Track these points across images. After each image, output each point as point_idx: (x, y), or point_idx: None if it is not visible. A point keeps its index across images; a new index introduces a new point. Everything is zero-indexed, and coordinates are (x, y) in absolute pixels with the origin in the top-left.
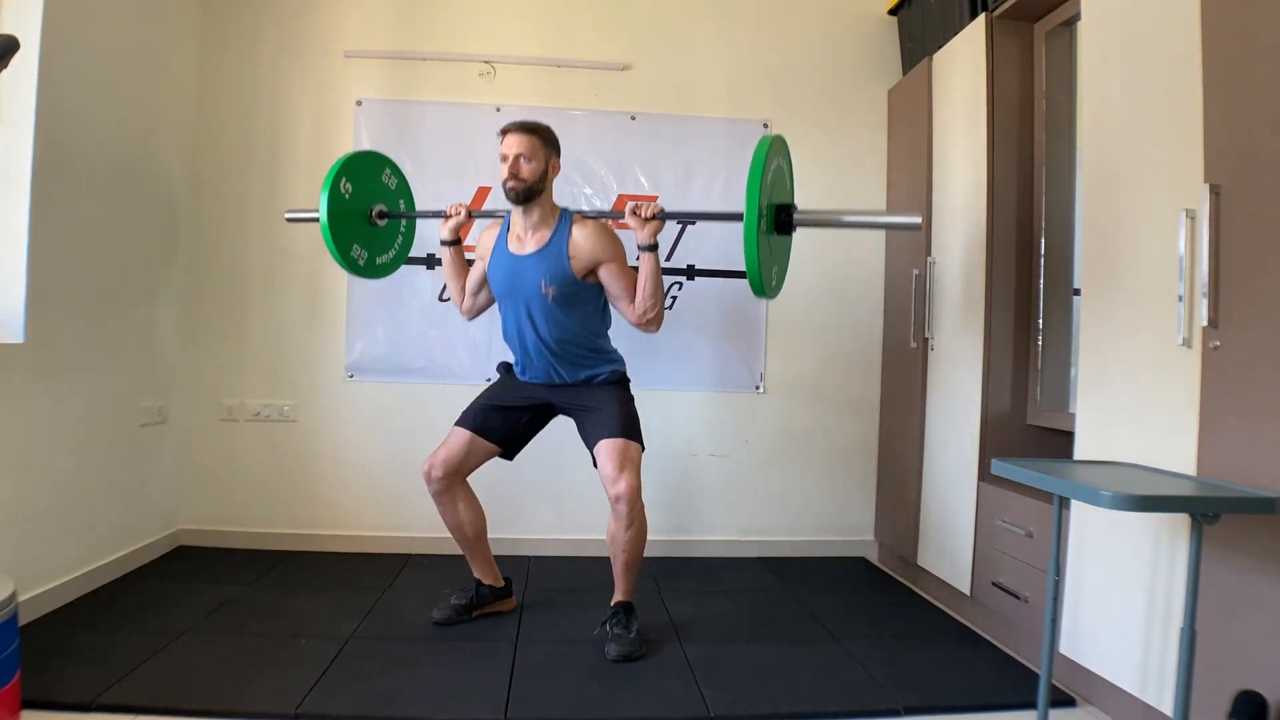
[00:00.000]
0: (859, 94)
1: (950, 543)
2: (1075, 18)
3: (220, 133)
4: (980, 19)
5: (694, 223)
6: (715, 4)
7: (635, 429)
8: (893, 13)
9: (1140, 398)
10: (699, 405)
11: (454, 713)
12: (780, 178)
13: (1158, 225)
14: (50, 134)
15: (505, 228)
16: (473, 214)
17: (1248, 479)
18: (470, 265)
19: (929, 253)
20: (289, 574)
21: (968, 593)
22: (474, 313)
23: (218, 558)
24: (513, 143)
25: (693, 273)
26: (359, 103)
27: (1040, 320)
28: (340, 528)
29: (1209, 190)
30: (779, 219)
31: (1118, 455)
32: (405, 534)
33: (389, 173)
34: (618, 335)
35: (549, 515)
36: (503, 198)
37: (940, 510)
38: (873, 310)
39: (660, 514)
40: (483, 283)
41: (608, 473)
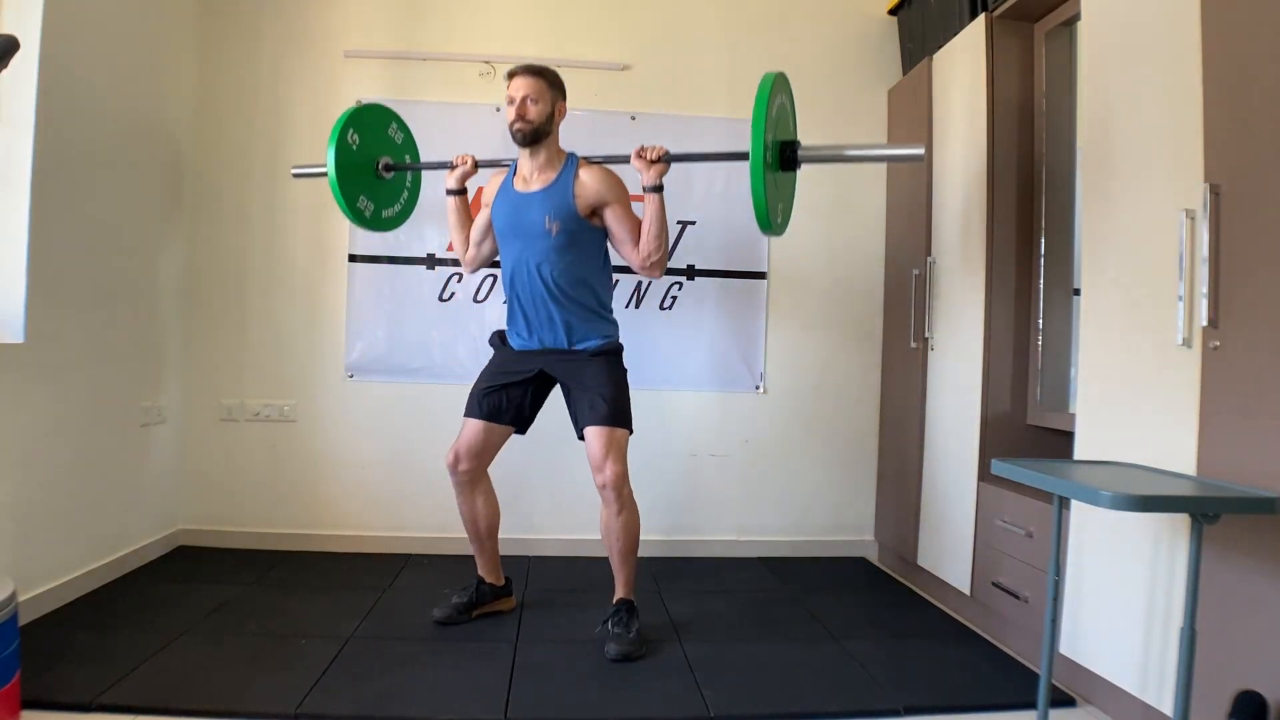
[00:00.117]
0: (859, 94)
1: (950, 543)
2: (1075, 18)
3: (220, 133)
4: (980, 19)
5: (697, 164)
6: (715, 4)
7: (624, 412)
8: (893, 13)
9: (1140, 398)
10: (699, 405)
11: (454, 713)
12: (784, 115)
13: (1158, 225)
14: (50, 134)
15: (511, 172)
16: (480, 164)
17: (1248, 479)
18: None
19: (929, 253)
20: (289, 574)
21: (968, 593)
22: (476, 264)
23: (218, 558)
24: (519, 85)
25: (693, 273)
26: (359, 103)
27: (1040, 320)
28: (340, 528)
29: (1209, 190)
30: (784, 155)
31: (1118, 455)
32: (405, 534)
33: (395, 127)
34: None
35: (549, 515)
36: (510, 150)
37: (940, 510)
38: (873, 310)
39: (660, 514)
40: (487, 231)
41: (594, 460)
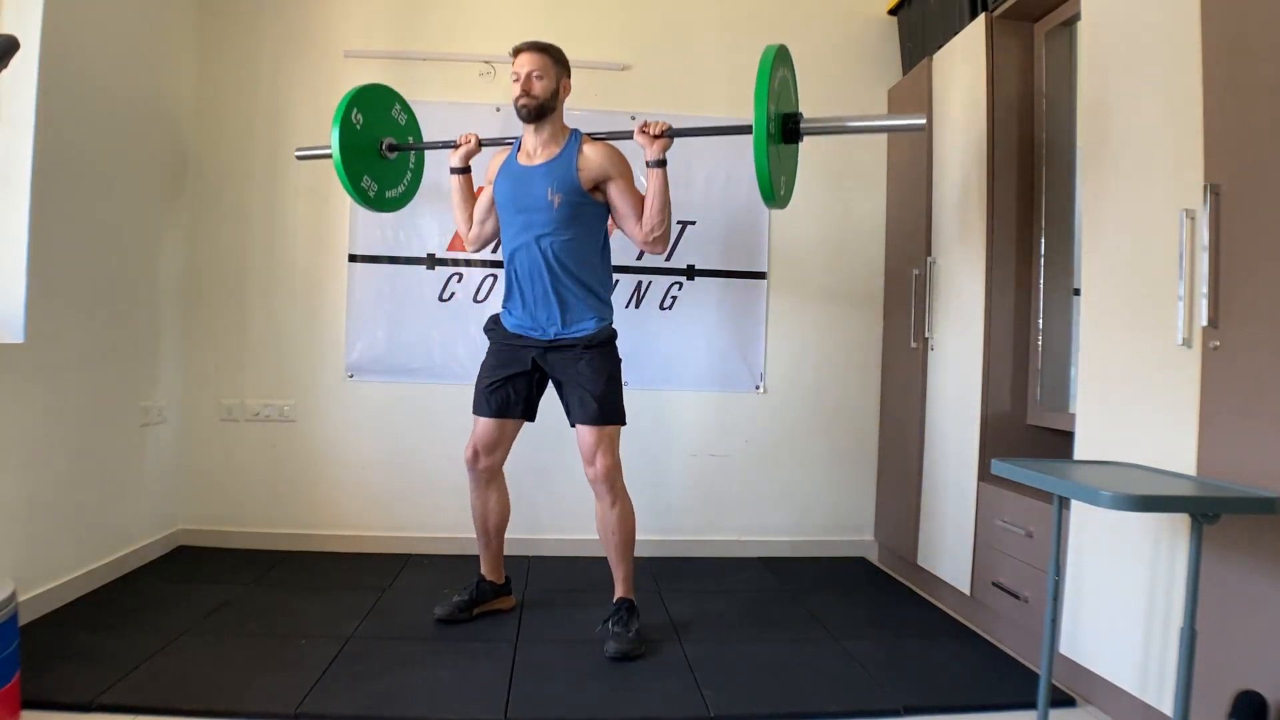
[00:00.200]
0: (859, 94)
1: (950, 543)
2: (1075, 18)
3: (220, 133)
4: (980, 19)
5: (699, 135)
6: (715, 4)
7: (615, 408)
8: (893, 13)
9: (1140, 397)
10: (699, 405)
11: (454, 713)
12: (785, 88)
13: (1157, 225)
14: (50, 134)
15: (515, 148)
16: (483, 142)
17: (1248, 479)
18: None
19: (929, 253)
20: (289, 574)
21: (968, 593)
22: (479, 242)
23: (218, 558)
24: (525, 61)
25: (693, 273)
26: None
27: (1040, 320)
28: (340, 528)
29: (1209, 190)
30: (786, 127)
31: (1118, 455)
32: (405, 534)
33: (398, 108)
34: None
35: (549, 514)
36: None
37: (940, 510)
38: (873, 310)
39: (660, 514)
40: (489, 209)
41: (585, 454)
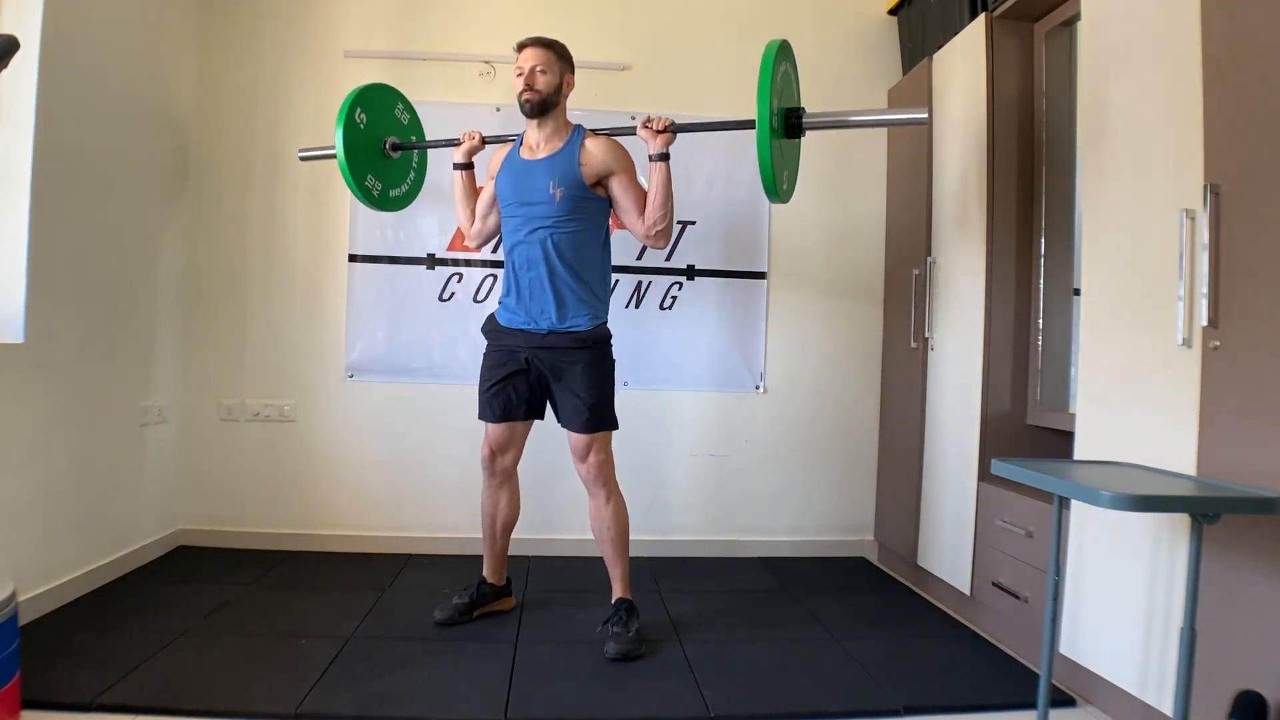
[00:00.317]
0: (859, 94)
1: (950, 543)
2: (1075, 18)
3: (220, 133)
4: (980, 19)
5: (701, 131)
6: (715, 4)
7: (608, 416)
8: (893, 13)
9: (1140, 398)
10: (699, 405)
11: (454, 713)
12: (788, 82)
13: (1157, 225)
14: (50, 134)
15: (518, 143)
16: (486, 139)
17: (1248, 479)
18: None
19: (929, 253)
20: (289, 574)
21: (968, 593)
22: (481, 238)
23: (218, 558)
24: (529, 55)
25: (693, 273)
26: None
27: (1040, 320)
28: (340, 528)
29: (1209, 190)
30: (788, 122)
31: (1118, 455)
32: (405, 534)
33: (401, 107)
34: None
35: (549, 515)
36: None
37: (940, 510)
38: (873, 310)
39: (660, 513)
40: (492, 205)
41: (576, 453)
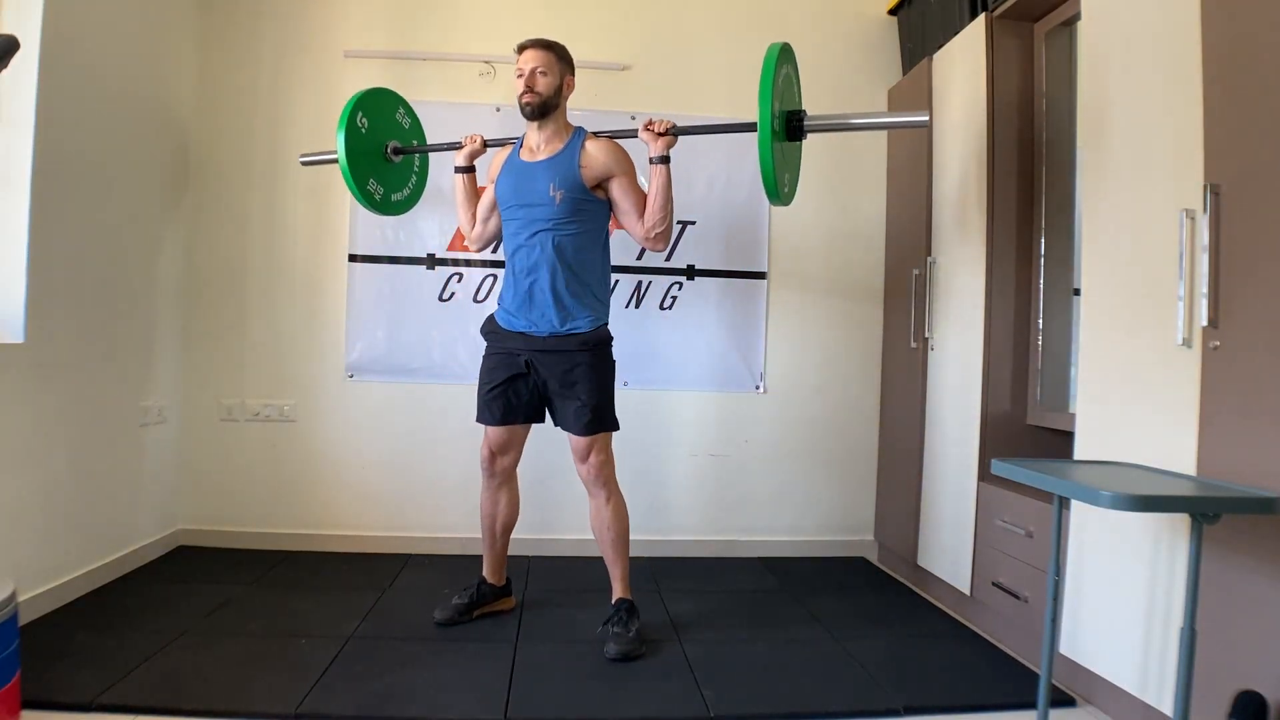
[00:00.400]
0: (859, 94)
1: (950, 543)
2: (1075, 18)
3: (220, 133)
4: (980, 19)
5: (703, 133)
6: (715, 4)
7: (609, 417)
8: (893, 13)
9: (1140, 398)
10: (699, 405)
11: (454, 713)
12: (789, 85)
13: (1158, 225)
14: (50, 134)
15: (518, 146)
16: (487, 143)
17: (1248, 479)
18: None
19: (929, 253)
20: (289, 574)
21: (968, 593)
22: (482, 241)
23: (218, 558)
24: (529, 57)
25: (693, 273)
26: None
27: (1040, 320)
28: (340, 528)
29: (1209, 190)
30: (790, 125)
31: (1118, 455)
32: (405, 534)
33: (402, 111)
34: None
35: (549, 515)
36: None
37: (940, 510)
38: (873, 310)
39: (660, 514)
40: (492, 208)
41: (578, 454)
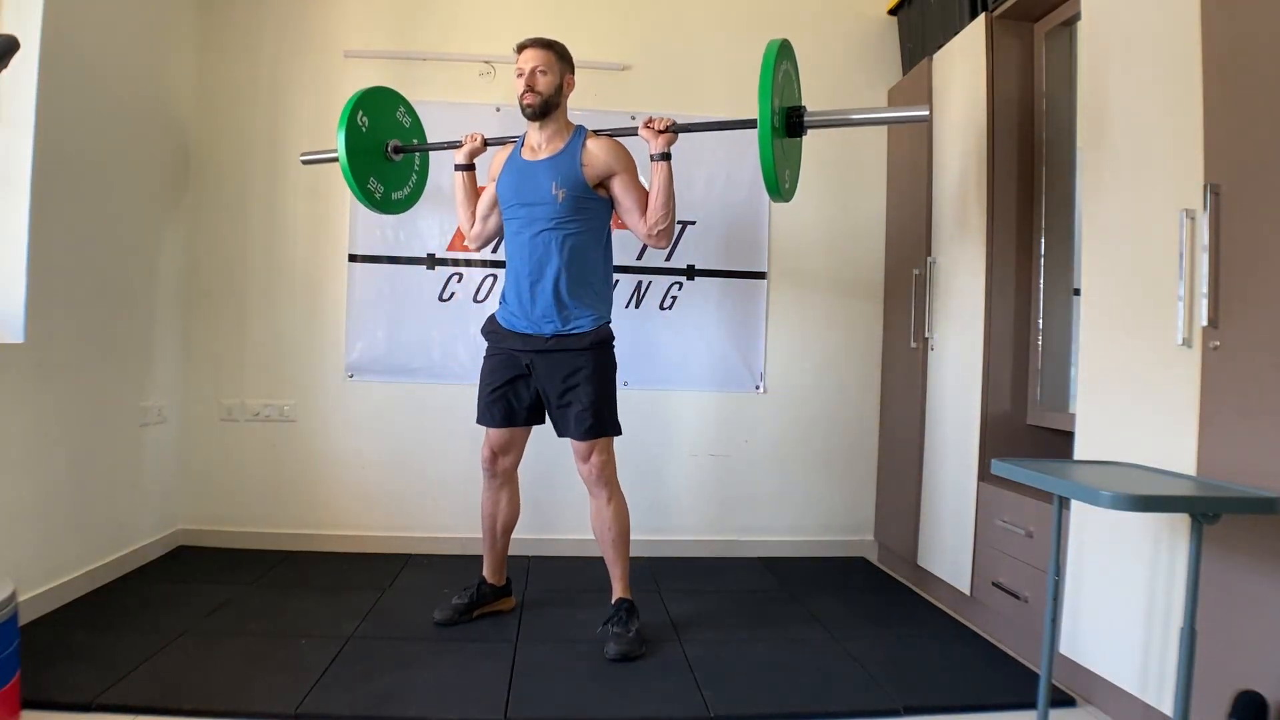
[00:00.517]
0: (859, 94)
1: (950, 543)
2: (1075, 18)
3: (220, 133)
4: (980, 19)
5: (702, 130)
6: (715, 4)
7: (611, 422)
8: (893, 13)
9: (1140, 398)
10: (699, 405)
11: (454, 713)
12: (789, 81)
13: (1158, 225)
14: (50, 134)
15: (519, 145)
16: (488, 141)
17: (1248, 479)
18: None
19: (929, 253)
20: (289, 574)
21: (968, 593)
22: (482, 240)
23: (218, 558)
24: (529, 57)
25: (693, 273)
26: None
27: (1040, 320)
28: (340, 528)
29: (1209, 190)
30: (790, 121)
31: (1118, 455)
32: (405, 534)
33: (403, 110)
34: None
35: (548, 515)
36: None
37: (940, 510)
38: (873, 310)
39: (660, 514)
40: (493, 206)
41: (579, 453)
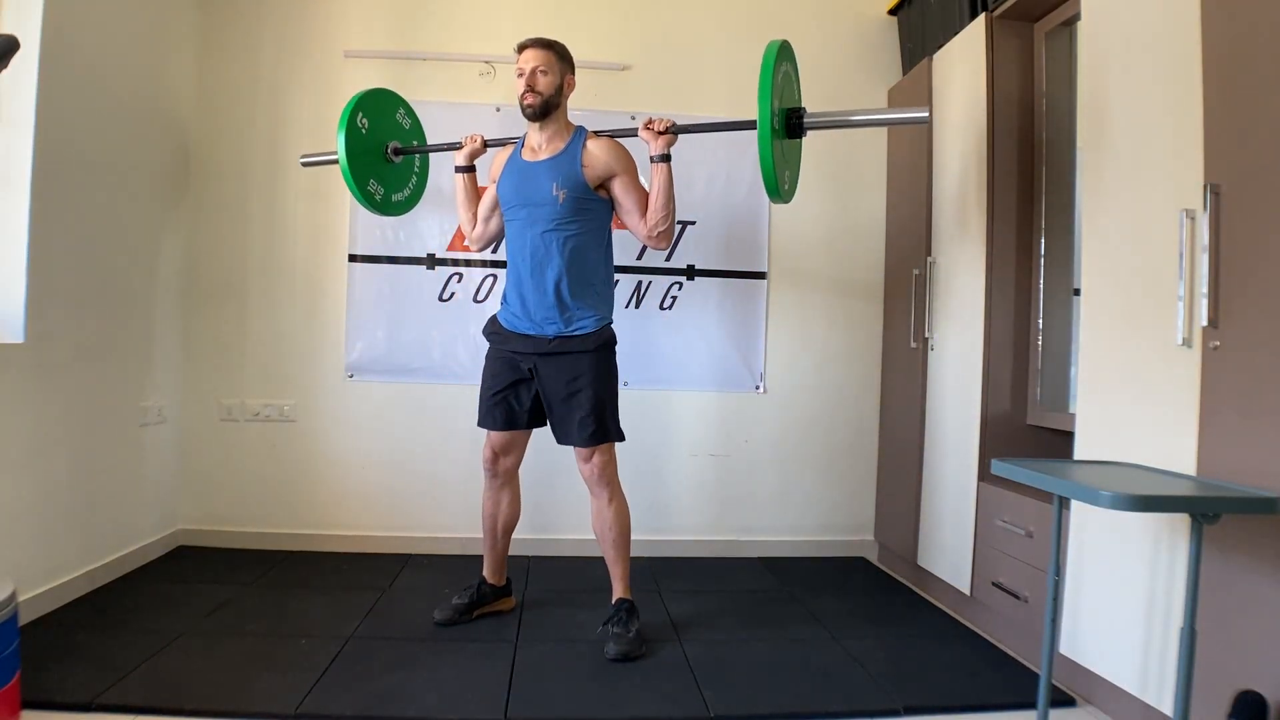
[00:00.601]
0: (859, 94)
1: (950, 543)
2: (1075, 18)
3: (220, 134)
4: (980, 19)
5: (701, 131)
6: (715, 4)
7: (611, 425)
8: (893, 13)
9: (1140, 398)
10: (699, 405)
11: (454, 713)
12: (788, 82)
13: (1158, 225)
14: (50, 134)
15: (520, 146)
16: (488, 143)
17: (1248, 479)
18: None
19: (929, 252)
20: (289, 574)
21: (968, 593)
22: (483, 241)
23: (218, 558)
24: (529, 57)
25: (693, 273)
26: None
27: (1040, 320)
28: (340, 528)
29: (1209, 190)
30: (790, 122)
31: (1118, 455)
32: (405, 534)
33: (403, 112)
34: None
35: (549, 516)
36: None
37: (940, 510)
38: (873, 310)
39: (660, 514)
40: (493, 208)
41: (580, 455)
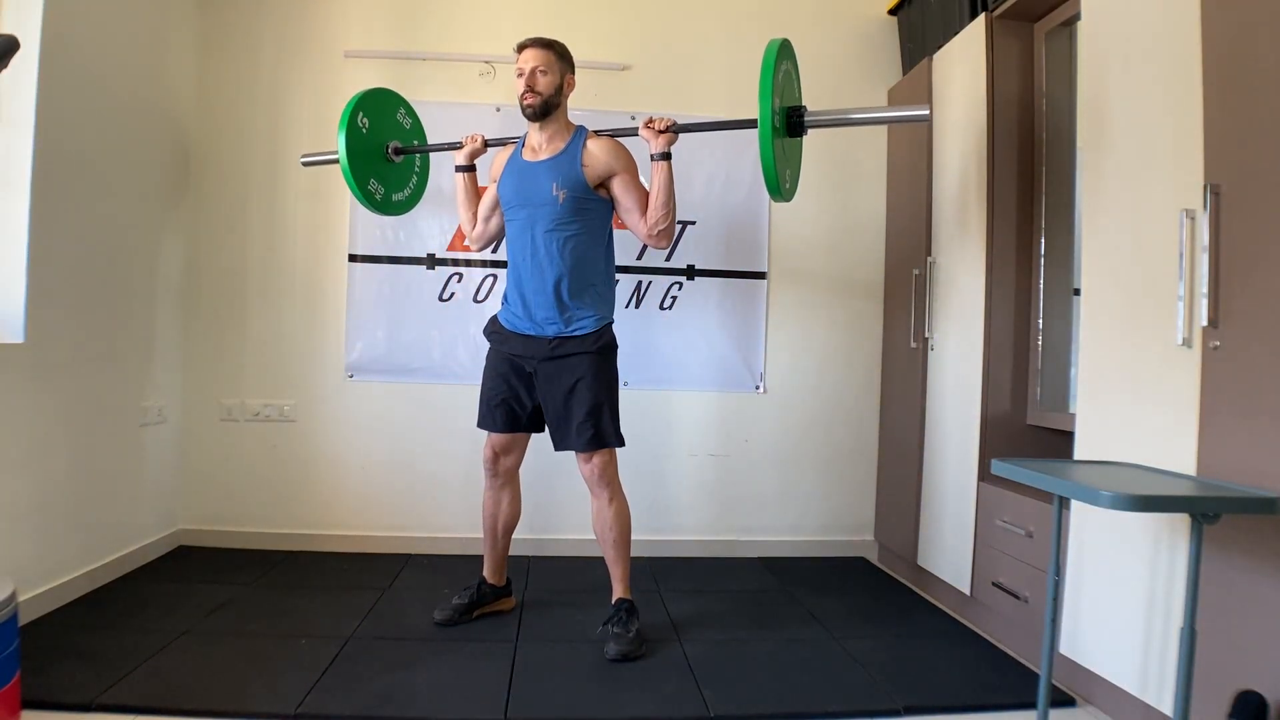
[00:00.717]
0: (859, 94)
1: (950, 543)
2: (1075, 18)
3: (220, 134)
4: (980, 19)
5: (703, 131)
6: (715, 4)
7: (610, 430)
8: (893, 13)
9: (1140, 398)
10: (699, 405)
11: (454, 713)
12: (789, 81)
13: (1158, 225)
14: (50, 134)
15: (520, 146)
16: (488, 143)
17: (1248, 479)
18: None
19: (929, 252)
20: (289, 574)
21: (968, 593)
22: (483, 240)
23: (218, 558)
24: (529, 57)
25: (693, 273)
26: None
27: (1040, 320)
28: (340, 528)
29: (1209, 190)
30: (790, 120)
31: (1118, 455)
32: (405, 534)
33: (403, 112)
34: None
35: (549, 515)
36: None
37: (940, 510)
38: (873, 310)
39: (660, 514)
40: (494, 207)
41: (580, 456)
